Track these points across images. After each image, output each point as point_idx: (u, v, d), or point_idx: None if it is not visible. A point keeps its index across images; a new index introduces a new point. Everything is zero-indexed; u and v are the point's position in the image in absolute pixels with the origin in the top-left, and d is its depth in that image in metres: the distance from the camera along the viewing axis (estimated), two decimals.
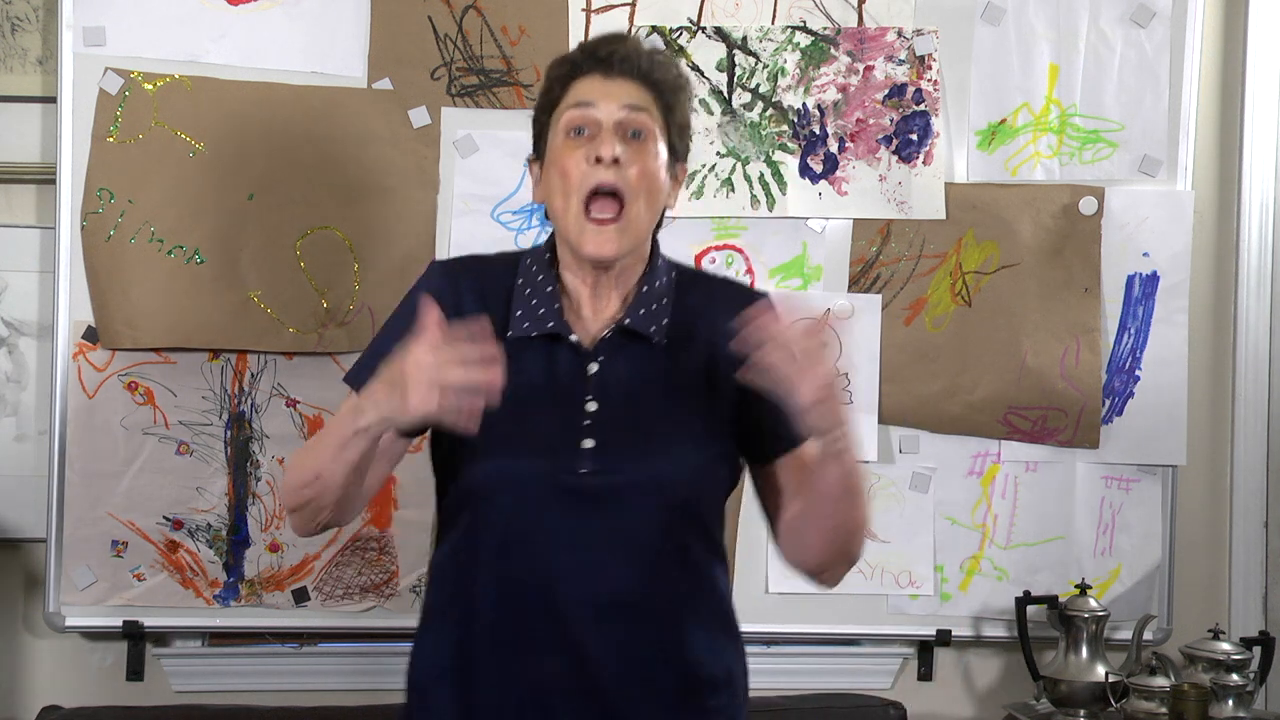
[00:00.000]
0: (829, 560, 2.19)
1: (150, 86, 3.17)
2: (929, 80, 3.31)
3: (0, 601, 3.28)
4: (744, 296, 2.24)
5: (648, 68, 2.16)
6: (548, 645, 2.12)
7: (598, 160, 2.11)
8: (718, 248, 3.29)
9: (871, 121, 3.31)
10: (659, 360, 2.17)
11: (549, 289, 2.18)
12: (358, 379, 2.21)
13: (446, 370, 1.94)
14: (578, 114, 2.14)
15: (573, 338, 2.15)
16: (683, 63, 3.23)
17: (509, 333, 2.15)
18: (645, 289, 2.19)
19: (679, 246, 3.23)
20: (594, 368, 2.15)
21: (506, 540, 2.13)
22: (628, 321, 2.16)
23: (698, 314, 2.20)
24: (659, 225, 2.23)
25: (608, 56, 2.15)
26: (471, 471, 2.14)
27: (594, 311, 2.19)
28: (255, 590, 3.23)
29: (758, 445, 2.22)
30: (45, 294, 3.23)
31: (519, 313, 2.17)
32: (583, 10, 3.26)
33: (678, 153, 2.20)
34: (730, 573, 2.32)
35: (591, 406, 2.13)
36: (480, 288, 2.20)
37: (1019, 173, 3.35)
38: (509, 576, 2.13)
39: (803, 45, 3.30)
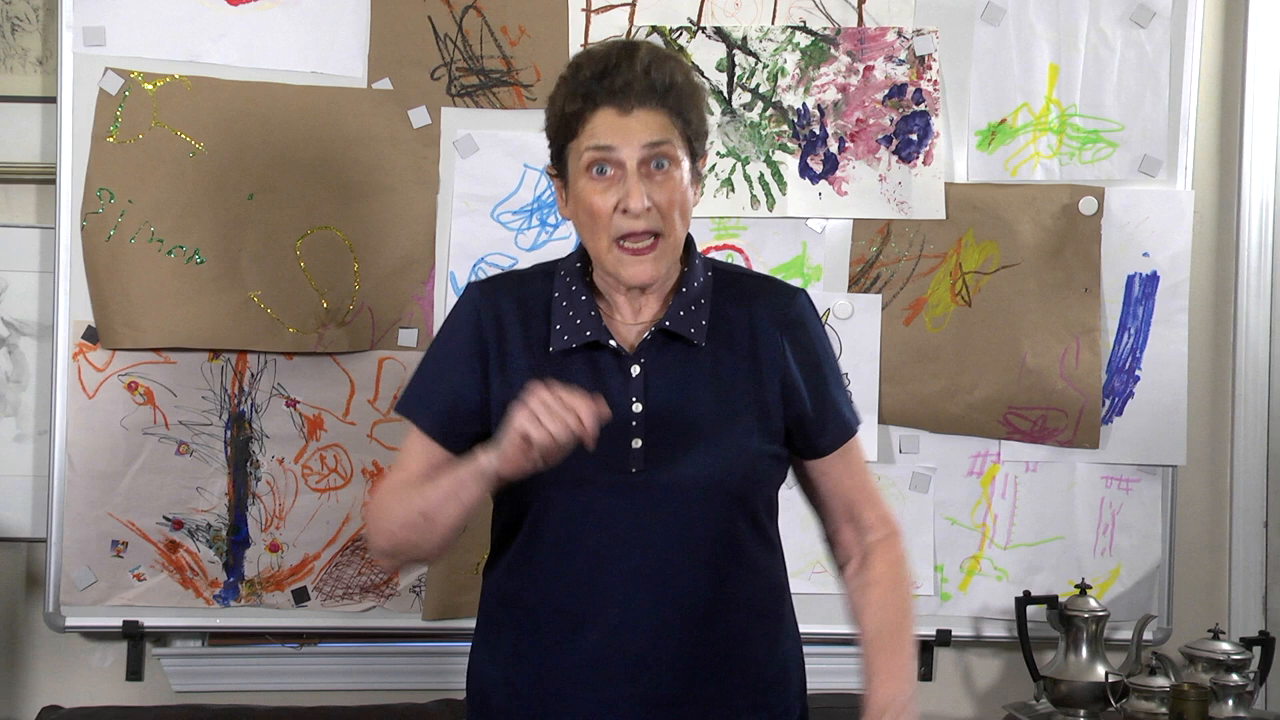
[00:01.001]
0: None
1: (150, 86, 3.17)
2: (929, 80, 3.31)
3: (0, 601, 3.28)
4: (781, 292, 2.27)
5: (662, 90, 2.12)
6: (605, 645, 2.14)
7: (626, 210, 2.11)
8: (718, 248, 3.29)
9: (871, 121, 3.31)
10: (701, 360, 2.19)
11: (584, 298, 2.19)
12: (410, 407, 2.24)
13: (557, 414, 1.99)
14: (599, 155, 2.12)
15: (613, 343, 2.17)
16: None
17: (550, 348, 2.17)
18: (684, 290, 2.20)
19: None
20: (636, 370, 2.16)
21: (562, 543, 2.15)
22: (667, 324, 2.17)
23: (737, 313, 2.22)
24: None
25: (623, 89, 2.11)
26: (526, 483, 2.14)
27: (633, 315, 2.20)
28: (255, 590, 3.23)
29: (797, 445, 2.25)
30: (45, 294, 3.23)
31: (558, 326, 2.18)
32: (583, 10, 3.26)
33: (697, 153, 2.19)
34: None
35: (637, 407, 2.15)
36: (520, 306, 2.21)
37: (1019, 173, 3.35)
38: (567, 578, 2.15)
39: (803, 45, 3.30)
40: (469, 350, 2.20)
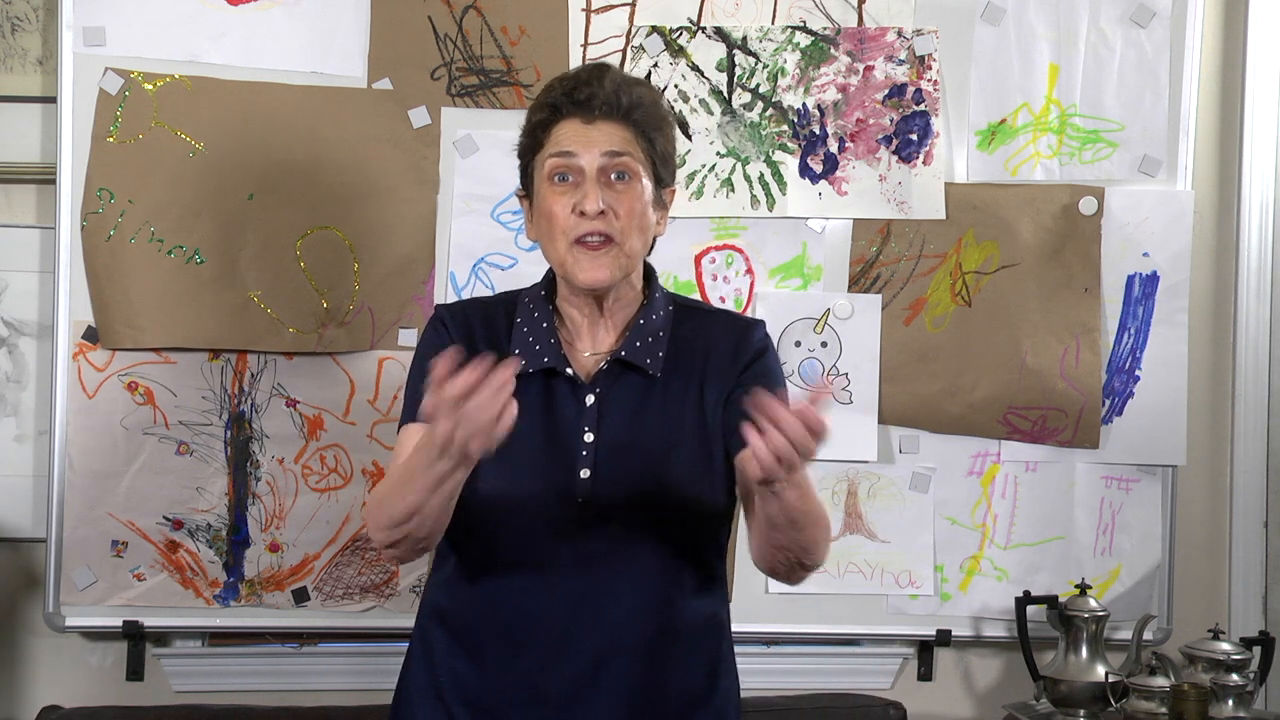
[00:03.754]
0: (779, 571, 2.18)
1: (150, 86, 3.17)
2: (929, 80, 3.31)
3: (0, 601, 3.28)
4: (739, 325, 2.28)
5: (627, 106, 2.17)
6: (543, 670, 2.14)
7: (582, 213, 2.13)
8: (718, 248, 3.29)
9: (871, 121, 3.31)
10: (655, 391, 2.19)
11: (545, 325, 2.20)
12: (405, 419, 2.24)
13: (483, 410, 1.91)
14: (560, 162, 2.16)
15: (569, 371, 2.18)
16: (682, 64, 3.25)
17: None
18: (642, 321, 2.21)
19: (679, 247, 3.24)
20: (590, 399, 2.17)
21: (504, 566, 2.16)
22: (624, 354, 2.18)
23: (694, 345, 2.23)
24: (649, 252, 2.25)
25: (587, 100, 2.16)
26: (471, 504, 2.15)
27: (592, 344, 2.21)
28: (255, 590, 3.23)
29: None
30: (45, 294, 3.23)
31: (516, 351, 2.19)
32: (583, 10, 3.25)
33: (663, 180, 2.22)
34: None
35: (589, 437, 2.15)
36: (486, 327, 2.23)
37: (1019, 173, 3.35)
38: (508, 601, 2.15)
39: (803, 45, 3.30)
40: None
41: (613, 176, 2.15)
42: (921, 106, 3.31)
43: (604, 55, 3.21)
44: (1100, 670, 3.17)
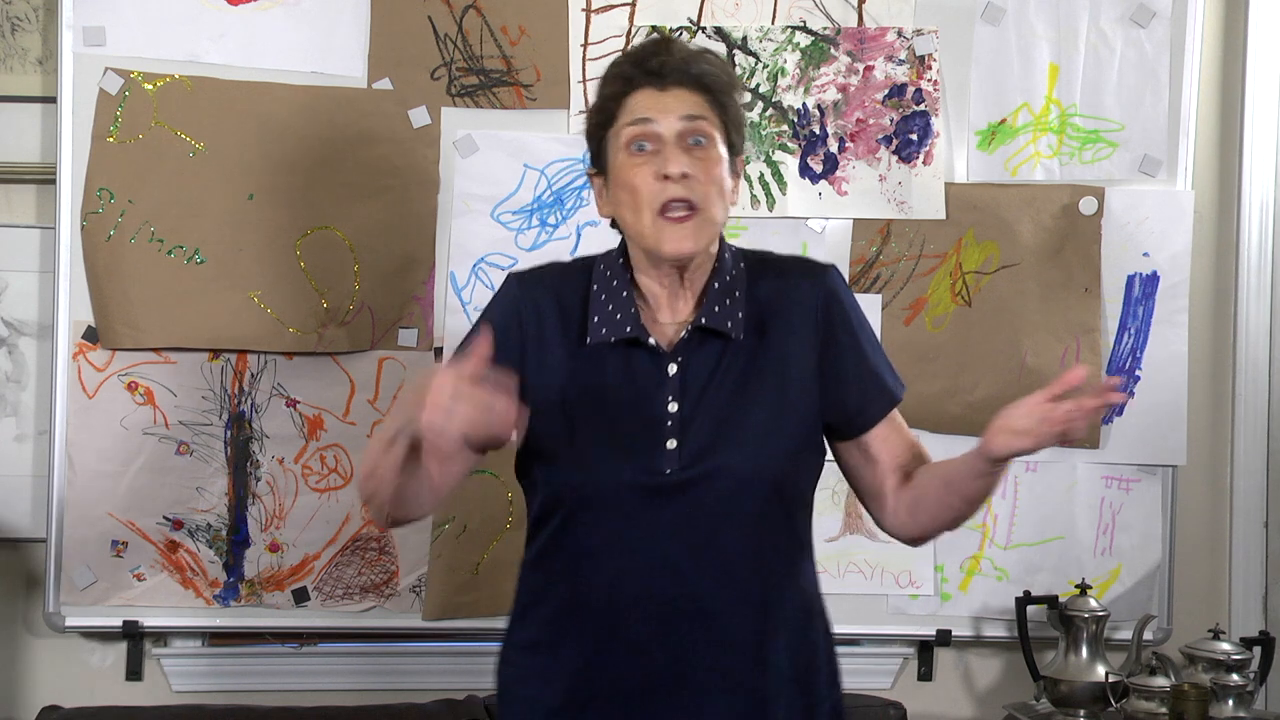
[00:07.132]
0: (936, 535, 2.29)
1: (150, 86, 3.17)
2: (929, 80, 3.31)
3: (0, 601, 3.28)
4: (811, 272, 2.26)
5: (698, 72, 2.17)
6: (642, 644, 2.14)
7: (665, 177, 2.13)
8: None
9: (871, 121, 3.31)
10: (738, 355, 2.18)
11: (624, 294, 2.19)
12: None
13: (460, 402, 1.94)
14: (637, 130, 2.15)
15: (650, 341, 2.17)
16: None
17: (588, 339, 2.18)
18: (716, 285, 2.20)
19: None
20: (673, 369, 2.17)
21: (596, 545, 2.15)
22: (704, 320, 2.18)
23: (771, 301, 2.22)
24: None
25: (659, 68, 2.16)
26: (557, 480, 2.16)
27: (671, 314, 2.21)
28: (255, 590, 3.23)
29: (845, 423, 2.24)
30: (45, 294, 3.23)
31: (595, 319, 2.18)
32: (583, 10, 3.26)
33: (736, 148, 2.22)
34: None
35: (673, 407, 2.15)
36: (558, 299, 2.22)
37: (1019, 173, 3.35)
38: (600, 580, 2.15)
39: (803, 45, 3.30)
40: (508, 344, 2.18)
41: (690, 142, 2.14)
42: (921, 106, 3.31)
43: (604, 55, 3.21)
44: (1100, 670, 3.17)
